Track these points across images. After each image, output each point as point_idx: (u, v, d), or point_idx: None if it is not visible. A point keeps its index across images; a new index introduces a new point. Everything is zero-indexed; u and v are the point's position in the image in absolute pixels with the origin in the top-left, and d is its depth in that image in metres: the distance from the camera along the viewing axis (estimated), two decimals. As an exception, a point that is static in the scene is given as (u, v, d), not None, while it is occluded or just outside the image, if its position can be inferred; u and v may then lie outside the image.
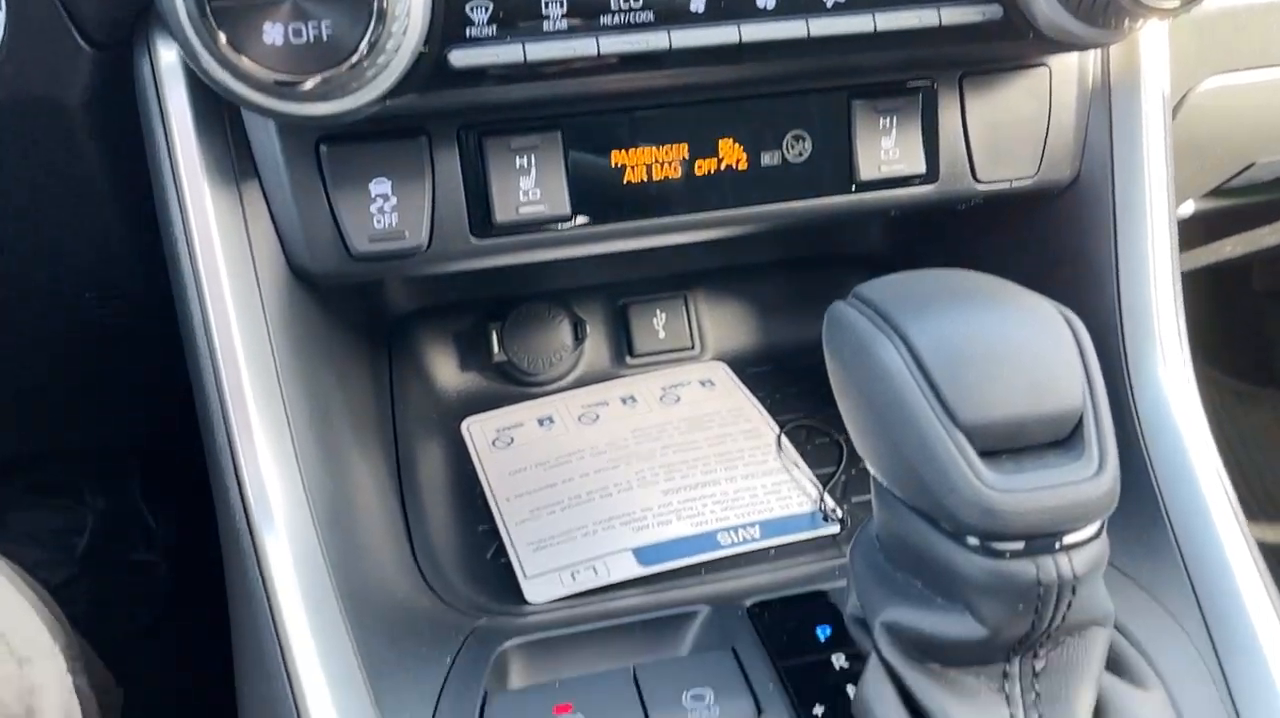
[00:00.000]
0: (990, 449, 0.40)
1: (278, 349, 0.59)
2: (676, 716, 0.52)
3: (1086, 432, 0.41)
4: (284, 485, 0.55)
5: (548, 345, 0.87)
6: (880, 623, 0.46)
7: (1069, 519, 0.40)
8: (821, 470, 0.78)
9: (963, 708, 0.44)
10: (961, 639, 0.43)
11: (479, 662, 0.57)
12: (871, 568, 0.48)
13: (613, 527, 0.74)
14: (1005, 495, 0.39)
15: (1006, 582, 0.40)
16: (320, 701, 0.50)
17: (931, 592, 0.44)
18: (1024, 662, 0.44)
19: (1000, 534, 0.40)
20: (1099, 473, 0.40)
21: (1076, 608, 0.42)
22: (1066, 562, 0.40)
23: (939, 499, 0.40)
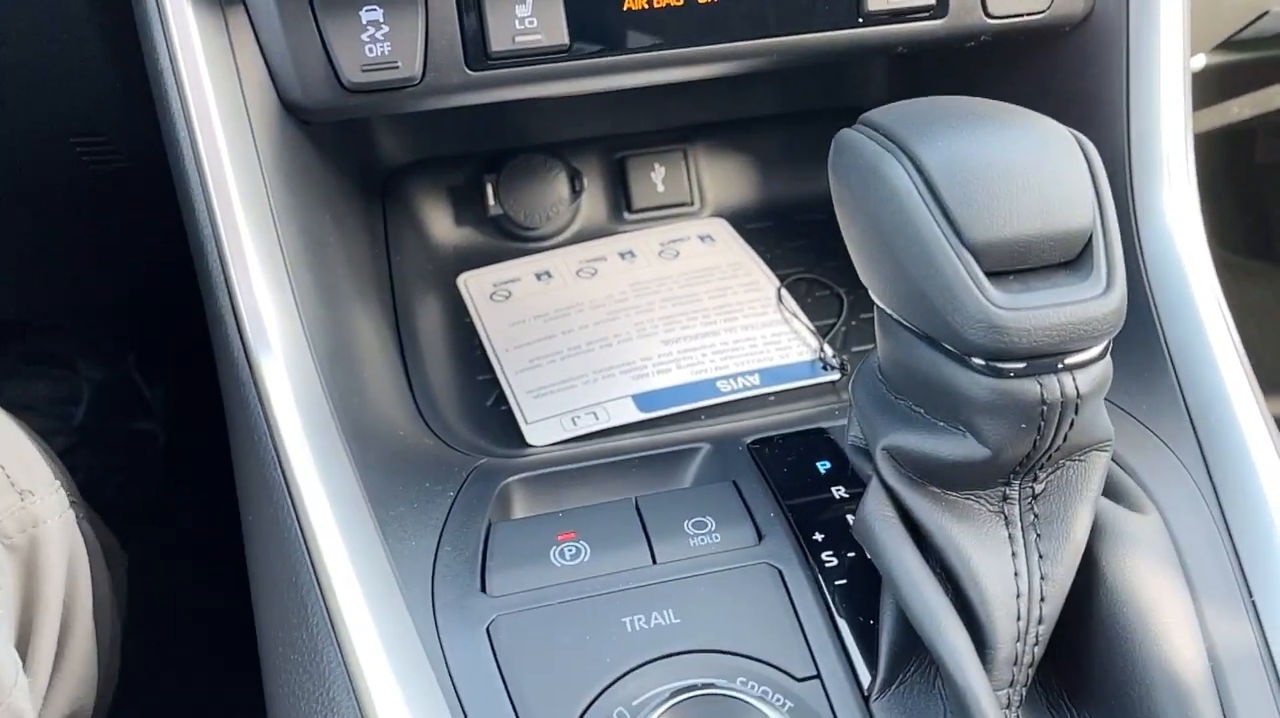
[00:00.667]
0: (998, 270, 0.39)
1: (270, 184, 0.57)
2: (679, 543, 0.53)
3: (1095, 251, 0.40)
4: (279, 313, 0.54)
5: (544, 199, 0.86)
6: (882, 448, 0.46)
7: (1076, 338, 0.39)
8: (821, 322, 0.78)
9: (962, 528, 0.45)
10: (963, 461, 0.43)
11: (483, 495, 0.57)
12: (873, 398, 0.48)
13: (612, 375, 0.74)
14: (1012, 313, 0.38)
15: (1011, 400, 0.40)
16: (325, 525, 0.50)
17: (934, 417, 0.44)
18: (1023, 485, 0.45)
19: (1006, 353, 0.39)
20: (1107, 292, 0.39)
21: (1078, 429, 0.42)
22: (1070, 381, 0.40)
23: (945, 318, 0.40)
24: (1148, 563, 0.48)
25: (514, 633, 0.49)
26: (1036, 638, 0.45)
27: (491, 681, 0.47)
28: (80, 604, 0.63)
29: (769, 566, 0.51)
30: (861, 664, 0.48)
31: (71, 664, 0.62)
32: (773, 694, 0.46)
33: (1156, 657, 0.45)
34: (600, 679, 0.47)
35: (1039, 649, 0.46)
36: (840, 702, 0.47)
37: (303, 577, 0.49)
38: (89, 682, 0.65)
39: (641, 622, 0.49)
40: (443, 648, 0.48)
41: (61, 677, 0.61)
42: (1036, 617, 0.45)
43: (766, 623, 0.49)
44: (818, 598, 0.50)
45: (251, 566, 0.54)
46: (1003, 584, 0.45)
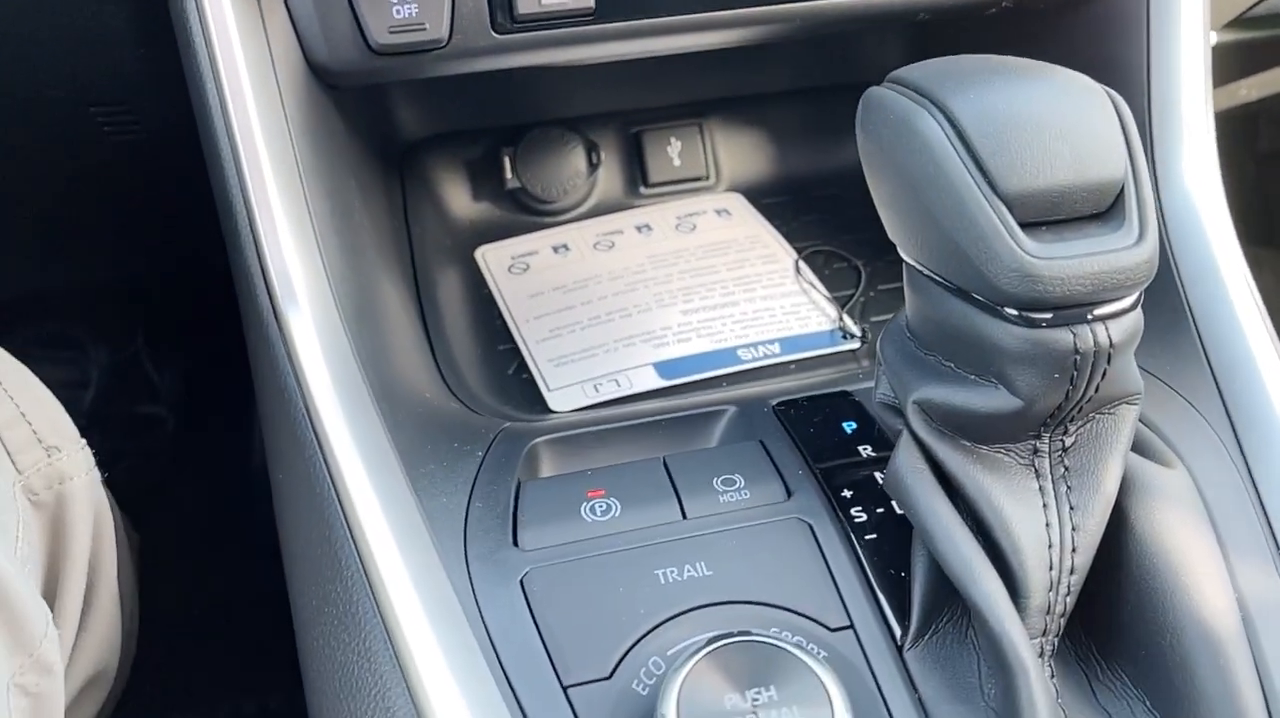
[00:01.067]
0: (1031, 221, 0.40)
1: (298, 146, 0.57)
2: (708, 499, 0.53)
3: (1127, 202, 0.40)
4: (307, 272, 0.55)
5: (561, 172, 0.86)
6: (913, 401, 0.47)
7: (1109, 287, 0.39)
8: (840, 293, 0.78)
9: (993, 479, 0.45)
10: (995, 413, 0.43)
11: (511, 455, 0.57)
12: (903, 355, 0.48)
13: (633, 344, 0.74)
14: (1046, 263, 0.39)
15: (1044, 350, 0.40)
16: (358, 480, 0.50)
17: (965, 370, 0.44)
18: (1054, 437, 0.45)
19: (1040, 302, 0.39)
20: (1139, 242, 0.40)
21: (1109, 380, 0.42)
22: (1104, 331, 0.40)
23: (979, 269, 0.40)
24: (1177, 516, 0.48)
25: (547, 585, 0.49)
26: (1069, 588, 0.46)
27: (526, 631, 0.47)
28: (106, 564, 0.63)
29: (799, 520, 0.52)
30: (893, 616, 0.48)
31: (97, 623, 0.62)
32: (808, 643, 0.46)
33: (1187, 606, 0.46)
34: (635, 630, 0.47)
35: (1070, 599, 0.46)
36: (874, 652, 0.47)
37: (336, 531, 0.49)
38: (113, 643, 0.65)
39: (674, 574, 0.49)
40: (477, 600, 0.48)
41: (88, 634, 0.61)
42: (1069, 567, 0.45)
43: (798, 576, 0.49)
44: (849, 552, 0.50)
45: (281, 523, 0.54)
46: (1035, 534, 0.45)
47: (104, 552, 0.62)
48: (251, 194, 0.54)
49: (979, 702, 0.46)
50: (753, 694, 0.43)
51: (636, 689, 0.45)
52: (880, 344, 0.50)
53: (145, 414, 1.54)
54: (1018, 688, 0.43)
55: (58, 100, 0.72)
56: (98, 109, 0.74)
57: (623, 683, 0.45)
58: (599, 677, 0.46)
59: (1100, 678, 0.49)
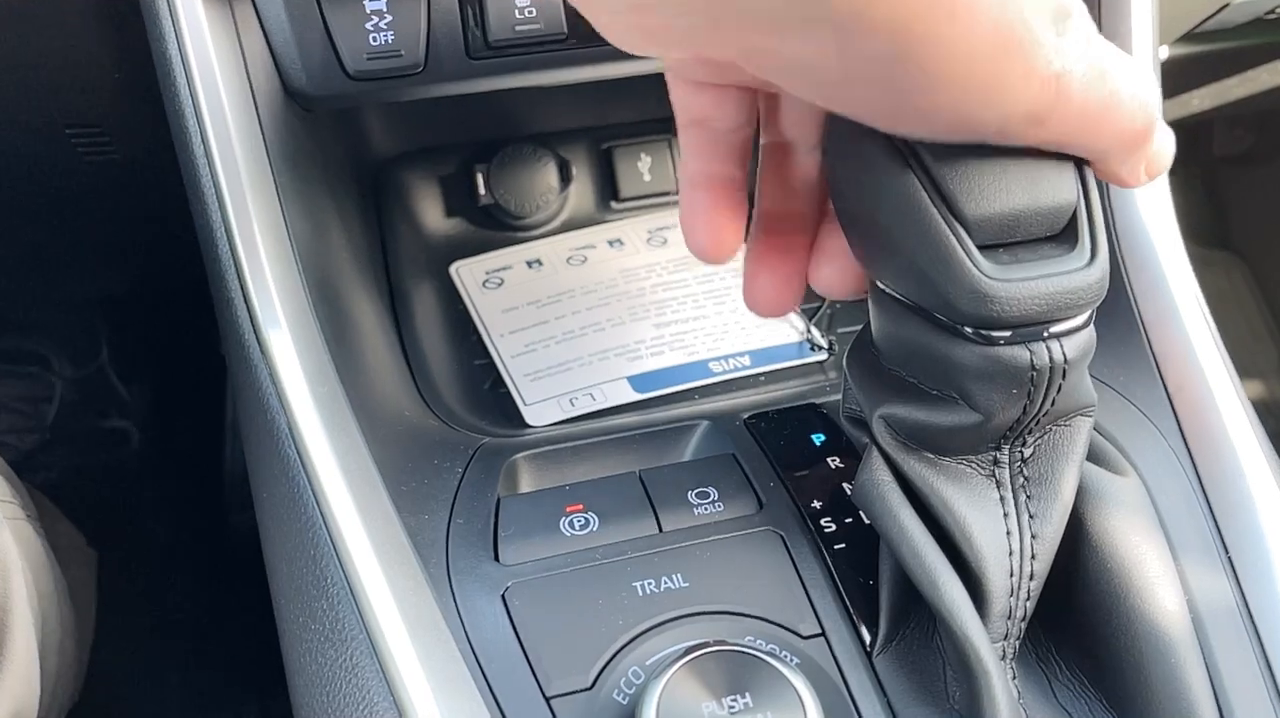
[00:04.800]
0: (988, 243, 0.41)
1: (277, 170, 0.59)
2: (683, 512, 0.55)
3: (1080, 225, 0.42)
4: (288, 294, 0.56)
5: (534, 188, 0.87)
6: (878, 416, 0.48)
7: (1062, 306, 0.41)
8: (807, 305, 0.80)
9: (956, 490, 0.47)
10: (956, 426, 0.45)
11: (490, 471, 0.59)
12: (868, 370, 0.50)
13: (607, 358, 0.75)
14: (1002, 284, 0.40)
15: (1001, 367, 0.42)
16: (341, 498, 0.51)
17: (927, 385, 0.46)
18: (1013, 449, 0.47)
19: (996, 322, 0.41)
20: (1091, 263, 0.41)
21: (1065, 394, 0.44)
22: (1058, 348, 0.42)
23: (939, 290, 0.41)
24: (1129, 521, 0.50)
25: (529, 599, 0.50)
26: (1029, 593, 0.48)
27: (509, 644, 0.49)
28: (16, 607, 0.63)
29: (771, 531, 0.53)
30: (863, 623, 0.50)
31: (13, 667, 0.62)
32: (781, 651, 0.48)
33: (1140, 608, 0.48)
34: (615, 641, 0.48)
35: (1031, 604, 0.48)
36: (845, 658, 0.49)
37: (321, 549, 0.50)
38: (31, 684, 0.65)
39: (652, 586, 0.50)
40: (460, 614, 0.50)
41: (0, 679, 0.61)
42: (1029, 572, 0.48)
43: (771, 586, 0.51)
44: (819, 561, 0.52)
45: (266, 540, 0.55)
46: (996, 543, 0.47)
47: (13, 595, 0.63)
48: (233, 220, 0.55)
49: (945, 704, 0.48)
50: (729, 702, 0.44)
51: (617, 699, 0.47)
52: (846, 359, 0.52)
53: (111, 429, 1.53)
54: (981, 690, 0.45)
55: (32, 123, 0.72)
56: (73, 131, 0.75)
57: (604, 693, 0.47)
58: (581, 688, 0.47)
59: (1060, 678, 0.51)
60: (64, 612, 0.72)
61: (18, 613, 0.63)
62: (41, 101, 0.71)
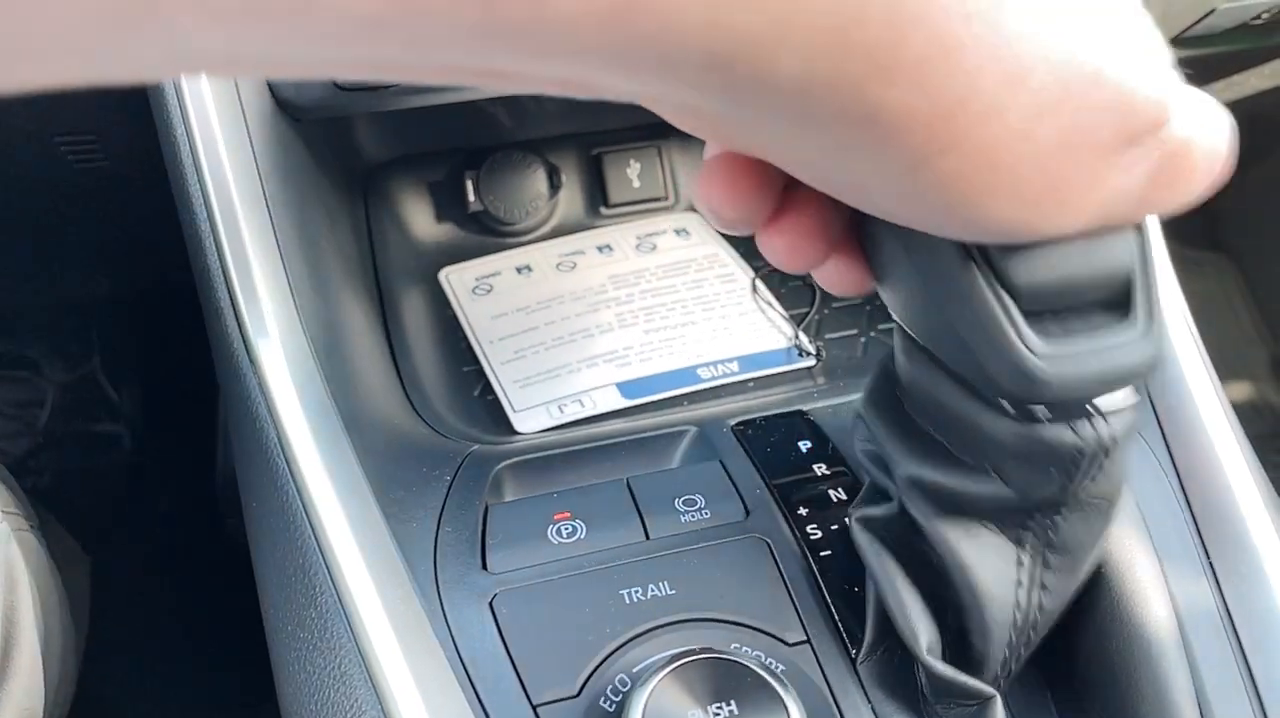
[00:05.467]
0: (1035, 310, 0.37)
1: (266, 179, 0.59)
2: (670, 519, 0.55)
3: (1135, 291, 0.37)
4: (277, 305, 0.56)
5: (524, 194, 0.88)
6: (902, 477, 0.45)
7: (1114, 385, 0.38)
8: (796, 311, 0.81)
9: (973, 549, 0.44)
10: (987, 498, 0.42)
11: (478, 479, 0.59)
12: (893, 422, 0.46)
13: (596, 364, 0.76)
14: (1051, 363, 0.36)
15: (1042, 447, 0.38)
16: (330, 508, 0.52)
17: (957, 449, 0.43)
18: (1043, 518, 0.44)
19: (1041, 400, 0.38)
20: (1146, 336, 0.37)
21: (1107, 472, 0.41)
22: (1105, 426, 0.39)
23: (979, 362, 0.37)
24: (1120, 530, 0.51)
25: (516, 607, 0.51)
26: (1029, 640, 0.46)
27: (496, 652, 0.49)
28: (23, 618, 0.64)
29: (758, 539, 0.54)
30: (848, 631, 0.51)
31: (18, 675, 0.63)
32: (766, 658, 0.48)
33: (1129, 614, 0.48)
34: (602, 648, 0.49)
35: (1029, 649, 0.47)
36: (830, 666, 0.49)
37: (310, 558, 0.51)
38: (36, 696, 0.66)
39: (639, 594, 0.51)
40: (448, 623, 0.50)
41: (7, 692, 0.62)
42: (1026, 639, 0.46)
43: (757, 593, 0.51)
44: (805, 569, 0.53)
45: (255, 549, 0.56)
46: (1003, 603, 0.45)
47: (20, 605, 0.63)
48: (221, 230, 0.55)
49: (929, 711, 0.49)
50: (714, 709, 0.45)
51: (604, 706, 0.47)
52: (866, 401, 0.48)
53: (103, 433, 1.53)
54: None
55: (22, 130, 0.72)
56: (62, 139, 0.75)
57: (590, 700, 0.47)
58: (568, 695, 0.47)
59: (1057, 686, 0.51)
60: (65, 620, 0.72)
61: (24, 623, 0.63)
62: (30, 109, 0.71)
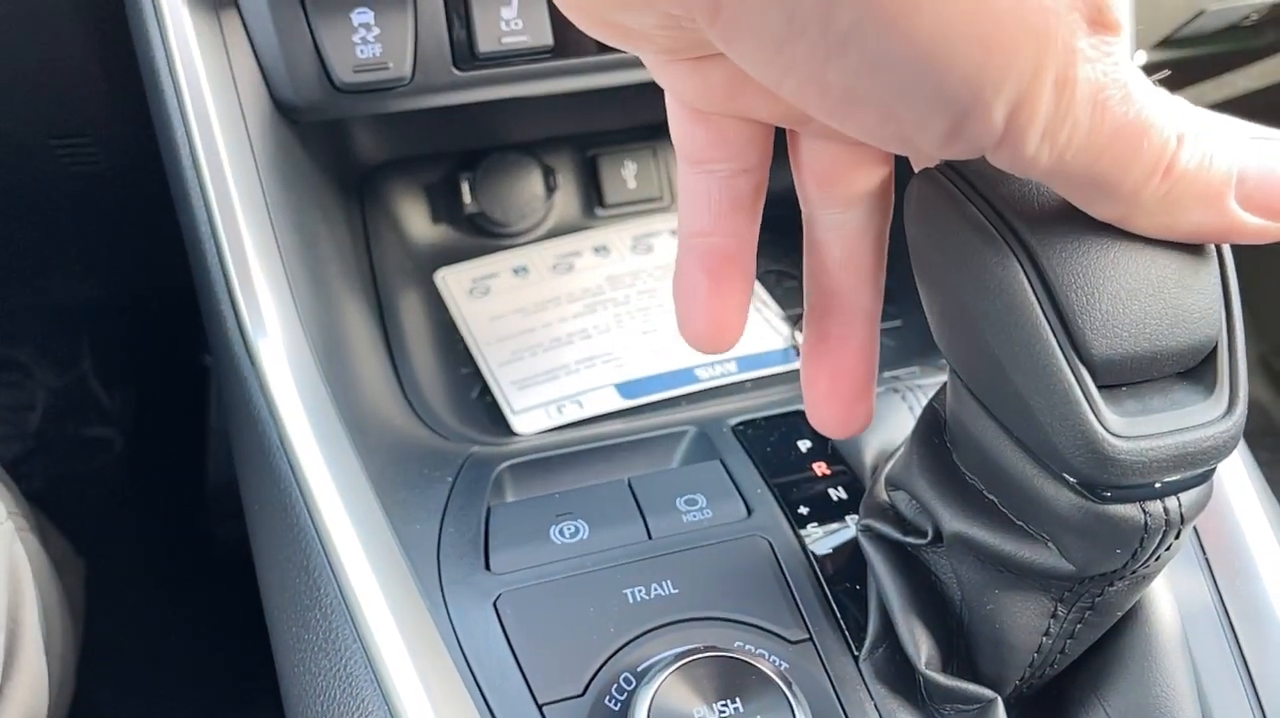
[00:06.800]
0: (1110, 384, 0.34)
1: (265, 180, 0.59)
2: (672, 518, 0.55)
3: (1219, 365, 0.35)
4: (278, 307, 0.56)
5: (519, 196, 0.88)
6: (951, 533, 0.42)
7: (1193, 467, 0.34)
8: (792, 311, 0.81)
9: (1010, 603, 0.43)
10: (1042, 568, 0.40)
11: (479, 480, 0.59)
12: (939, 462, 0.43)
13: (594, 365, 0.76)
14: (1127, 443, 0.33)
15: (1108, 525, 0.36)
16: (334, 509, 0.52)
17: (1012, 513, 0.40)
18: (1092, 585, 0.41)
19: (1115, 485, 0.34)
20: (1229, 413, 0.34)
21: (1173, 549, 0.38)
22: (1175, 505, 0.36)
23: (1047, 436, 0.34)
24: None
25: (520, 607, 0.51)
26: (1042, 675, 0.46)
27: (501, 651, 0.49)
28: (27, 616, 0.64)
29: (759, 537, 0.54)
30: (850, 628, 0.51)
31: (22, 675, 0.63)
32: (770, 656, 0.48)
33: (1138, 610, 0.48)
34: (606, 648, 0.49)
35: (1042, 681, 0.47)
36: (833, 663, 0.49)
37: (314, 560, 0.51)
38: (40, 691, 0.66)
39: (642, 593, 0.51)
40: (452, 623, 0.50)
41: (12, 688, 0.62)
42: (1050, 661, 0.45)
43: (760, 591, 0.52)
44: (807, 567, 0.53)
45: (257, 552, 0.56)
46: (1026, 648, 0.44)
47: (24, 605, 0.63)
48: (222, 231, 0.55)
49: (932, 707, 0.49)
50: (719, 707, 0.45)
51: (609, 705, 0.47)
52: (914, 440, 0.45)
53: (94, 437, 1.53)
54: None
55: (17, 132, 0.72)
56: (58, 141, 0.75)
57: (595, 699, 0.47)
58: (573, 694, 0.48)
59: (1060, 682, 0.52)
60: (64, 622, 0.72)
61: (28, 625, 0.63)
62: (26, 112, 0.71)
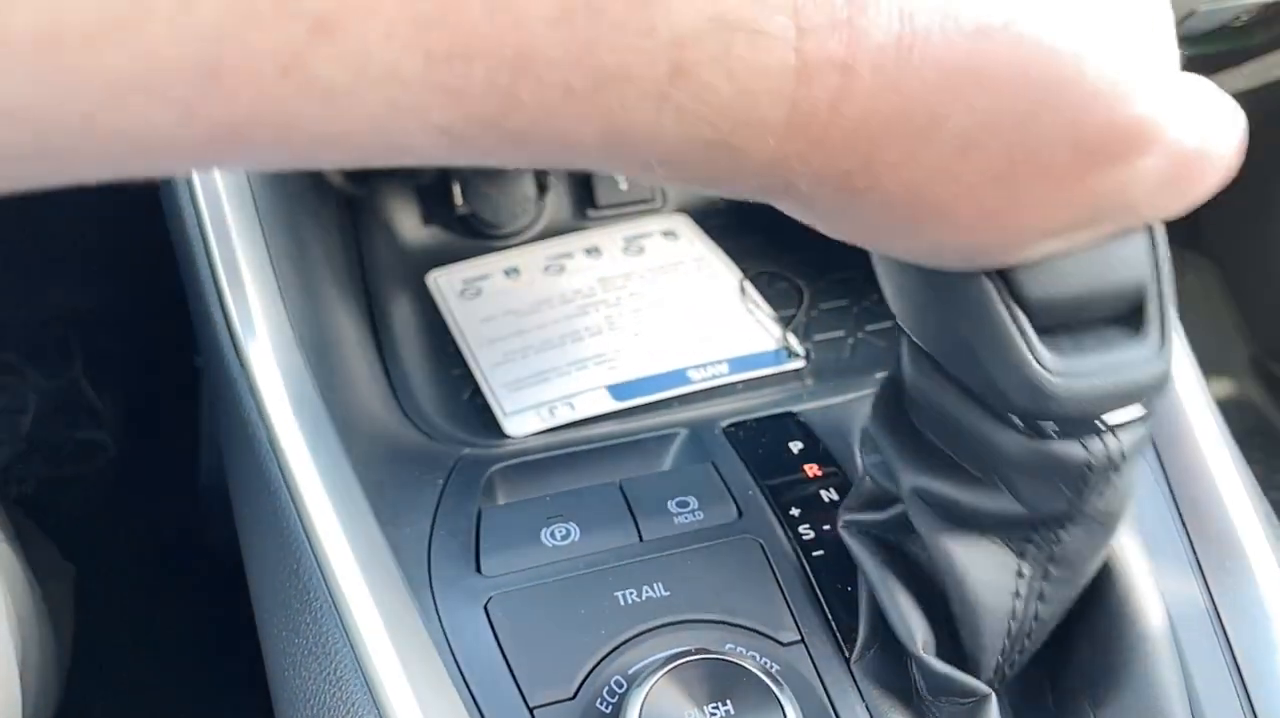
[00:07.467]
0: (1048, 326, 0.37)
1: (255, 183, 0.59)
2: (664, 521, 0.55)
3: (1148, 308, 0.38)
4: (268, 309, 0.56)
5: (511, 197, 0.88)
6: (908, 488, 0.45)
7: (1126, 401, 0.38)
8: (784, 312, 0.81)
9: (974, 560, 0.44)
10: (996, 513, 0.42)
11: (471, 482, 0.59)
12: (900, 430, 0.46)
13: (586, 367, 0.76)
14: (1064, 379, 0.36)
15: (1051, 462, 0.39)
16: (324, 513, 0.52)
17: (965, 462, 0.43)
18: (1048, 532, 0.44)
19: (1052, 416, 0.37)
20: (1160, 352, 0.37)
21: (1115, 486, 0.41)
22: (1115, 441, 0.38)
23: (991, 377, 0.37)
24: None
25: (511, 610, 0.51)
26: (1023, 648, 0.46)
27: (492, 655, 0.49)
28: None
29: (751, 539, 0.54)
30: (841, 630, 0.51)
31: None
32: (761, 658, 0.48)
33: (1127, 610, 0.49)
34: (597, 651, 0.49)
35: (1025, 657, 0.47)
36: (825, 665, 0.49)
37: (304, 563, 0.51)
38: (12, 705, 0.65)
39: (633, 595, 0.51)
40: (443, 626, 0.50)
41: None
42: (1020, 647, 0.46)
43: (751, 593, 0.52)
44: (798, 569, 0.53)
45: (247, 555, 0.55)
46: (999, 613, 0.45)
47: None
48: (211, 234, 0.55)
49: (924, 708, 0.49)
50: (710, 709, 0.45)
51: (600, 708, 0.47)
52: (874, 413, 0.48)
53: (86, 440, 1.52)
54: None
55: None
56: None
57: (586, 703, 0.47)
58: (564, 697, 0.48)
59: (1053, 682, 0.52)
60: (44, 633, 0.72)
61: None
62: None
